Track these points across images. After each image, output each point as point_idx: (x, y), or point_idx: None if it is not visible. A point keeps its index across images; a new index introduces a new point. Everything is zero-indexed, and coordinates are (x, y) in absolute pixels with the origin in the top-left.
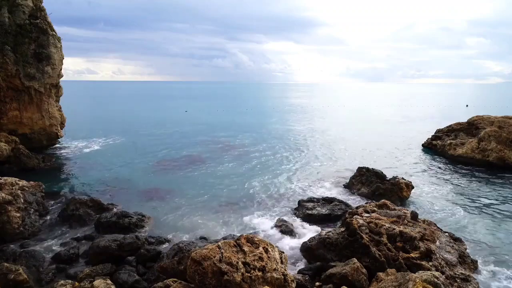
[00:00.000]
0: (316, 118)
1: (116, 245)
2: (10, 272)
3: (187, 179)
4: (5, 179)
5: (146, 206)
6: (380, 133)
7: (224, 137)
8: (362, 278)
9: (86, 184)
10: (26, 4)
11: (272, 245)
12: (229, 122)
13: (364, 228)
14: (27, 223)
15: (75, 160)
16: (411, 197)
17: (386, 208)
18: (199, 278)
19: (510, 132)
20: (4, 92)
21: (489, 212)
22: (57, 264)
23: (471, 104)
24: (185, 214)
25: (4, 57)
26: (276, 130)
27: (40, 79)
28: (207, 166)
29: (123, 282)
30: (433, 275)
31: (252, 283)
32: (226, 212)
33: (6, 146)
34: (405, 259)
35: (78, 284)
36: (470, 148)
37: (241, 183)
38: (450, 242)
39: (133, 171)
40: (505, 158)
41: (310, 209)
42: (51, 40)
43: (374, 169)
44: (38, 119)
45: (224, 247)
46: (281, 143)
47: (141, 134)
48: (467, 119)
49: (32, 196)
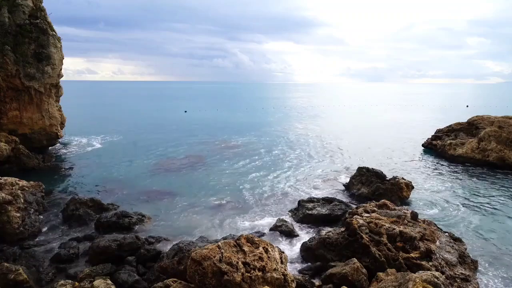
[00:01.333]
0: (316, 118)
1: (116, 245)
2: (10, 272)
3: (187, 179)
4: (5, 179)
5: (146, 206)
6: (380, 133)
7: (224, 137)
8: (362, 278)
9: (86, 184)
10: (26, 4)
11: (272, 245)
12: (229, 122)
13: (364, 228)
14: (27, 223)
15: (75, 160)
16: (411, 197)
17: (386, 208)
18: (199, 278)
19: (510, 132)
20: (4, 92)
21: (489, 212)
22: (57, 264)
23: (471, 104)
24: (185, 214)
25: (4, 57)
26: (276, 130)
27: (40, 79)
28: (207, 166)
29: (123, 282)
30: (433, 275)
31: (252, 283)
32: (226, 212)
33: (6, 146)
34: (405, 259)
35: (78, 284)
36: (470, 148)
37: (241, 183)
38: (450, 242)
39: (133, 171)
40: (505, 158)
41: (310, 209)
42: (51, 40)
43: (374, 169)
44: (38, 119)
45: (224, 247)
46: (281, 143)
47: (141, 134)
48: (467, 119)
49: (32, 196)
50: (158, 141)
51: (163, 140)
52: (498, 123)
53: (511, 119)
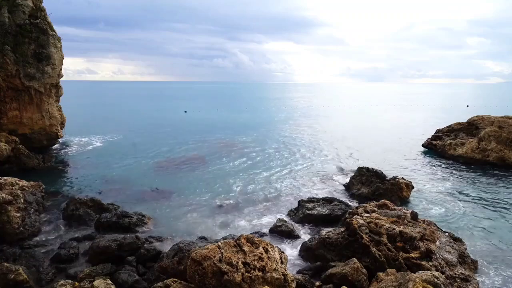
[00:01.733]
0: (316, 118)
1: (116, 245)
2: (10, 272)
3: (186, 179)
4: (5, 179)
5: (146, 206)
6: (380, 133)
7: (224, 137)
8: (362, 278)
9: (86, 184)
10: (26, 4)
11: (272, 245)
12: (229, 122)
13: (364, 228)
14: (27, 223)
15: (75, 160)
16: (411, 197)
17: (386, 208)
18: (199, 278)
19: (510, 132)
20: (4, 92)
21: (489, 212)
22: (57, 264)
23: (471, 104)
24: (185, 214)
25: (4, 57)
26: (276, 130)
27: (40, 79)
28: (207, 166)
29: (123, 282)
30: (433, 275)
31: (252, 283)
32: (226, 212)
33: (6, 146)
34: (405, 259)
35: (78, 284)
36: (470, 148)
37: (241, 183)
38: (450, 242)
39: (133, 171)
40: (505, 158)
41: (310, 209)
42: (51, 40)
43: (374, 169)
44: (38, 119)
45: (224, 247)
46: (281, 143)
47: (141, 134)
48: (467, 119)
49: (32, 196)
50: (158, 141)
51: (163, 140)
52: (498, 123)
53: (511, 119)
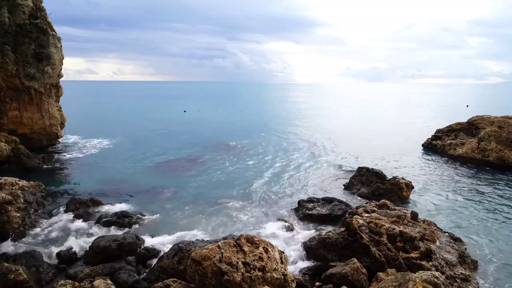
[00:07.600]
0: (316, 118)
1: (116, 245)
2: (10, 272)
3: (186, 179)
4: (5, 179)
5: (146, 206)
6: (380, 133)
7: (224, 137)
8: (362, 278)
9: (86, 184)
10: (26, 4)
11: (272, 245)
12: (229, 122)
13: (364, 228)
14: (27, 223)
15: (75, 160)
16: (411, 197)
17: (386, 208)
18: (199, 278)
19: (510, 132)
20: (4, 92)
21: (489, 212)
22: (57, 264)
23: (471, 104)
24: (185, 214)
25: (4, 57)
26: (276, 130)
27: (40, 79)
28: (207, 166)
29: (123, 282)
30: (433, 275)
31: (252, 283)
32: (226, 212)
33: (6, 146)
34: (405, 259)
35: (78, 284)
36: (470, 148)
37: (241, 183)
38: (450, 242)
39: (133, 171)
40: (505, 158)
41: (310, 209)
42: (51, 40)
43: (374, 169)
44: (38, 119)
45: (224, 247)
46: (281, 143)
47: (141, 134)
48: (467, 119)
49: (32, 196)
50: (158, 141)
51: (162, 140)
52: (498, 123)
53: (511, 119)
